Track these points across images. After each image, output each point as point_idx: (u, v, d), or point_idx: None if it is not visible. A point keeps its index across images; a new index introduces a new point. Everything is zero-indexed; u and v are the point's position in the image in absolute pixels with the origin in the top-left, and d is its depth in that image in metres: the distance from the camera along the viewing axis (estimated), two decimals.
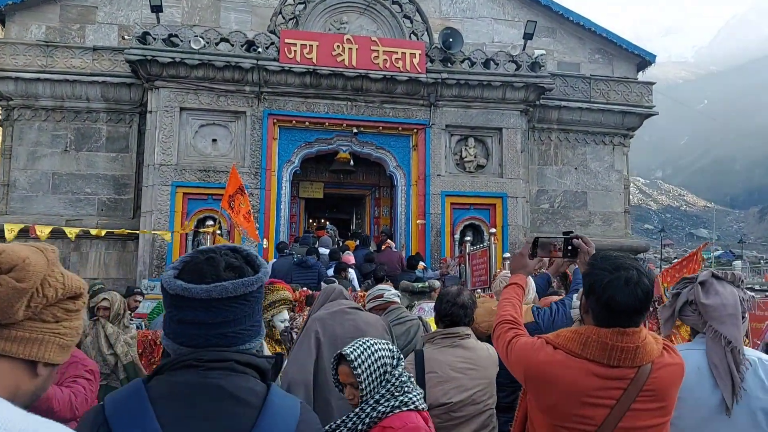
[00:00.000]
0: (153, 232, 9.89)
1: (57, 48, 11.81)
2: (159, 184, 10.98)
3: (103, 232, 10.05)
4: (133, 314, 7.55)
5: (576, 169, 13.35)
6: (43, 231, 9.14)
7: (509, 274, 2.89)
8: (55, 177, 11.79)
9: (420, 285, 6.06)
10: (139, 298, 7.48)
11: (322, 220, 16.22)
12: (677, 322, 2.38)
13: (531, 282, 5.50)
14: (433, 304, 5.90)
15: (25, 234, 10.91)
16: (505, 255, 9.65)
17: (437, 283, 6.32)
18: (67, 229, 9.53)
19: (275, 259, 9.93)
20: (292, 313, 5.38)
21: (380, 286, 4.41)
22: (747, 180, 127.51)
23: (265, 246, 11.14)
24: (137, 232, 9.07)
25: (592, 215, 13.29)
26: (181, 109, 11.23)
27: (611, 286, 1.82)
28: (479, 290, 9.53)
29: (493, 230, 10.17)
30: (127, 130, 12.13)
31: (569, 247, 2.38)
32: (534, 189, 12.94)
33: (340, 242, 11.84)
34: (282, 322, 4.63)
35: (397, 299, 4.35)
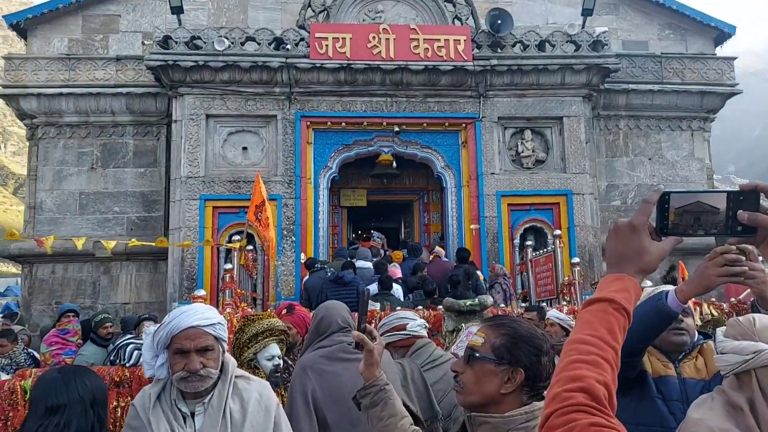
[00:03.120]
0: (172, 245, 8.99)
1: (79, 60, 11.19)
2: (186, 198, 10.12)
3: (137, 243, 9.21)
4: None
5: (650, 159, 11.78)
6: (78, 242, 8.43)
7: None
8: (82, 197, 11.12)
9: (468, 302, 4.84)
10: (147, 324, 6.52)
11: (365, 232, 15.12)
12: None
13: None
14: (410, 313, 4.66)
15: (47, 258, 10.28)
16: (573, 260, 8.28)
17: (490, 300, 5.08)
18: (104, 242, 8.63)
19: (307, 278, 8.88)
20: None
21: (401, 312, 3.20)
22: None
23: (302, 260, 10.09)
24: (148, 244, 8.19)
25: None
26: (208, 116, 10.37)
27: None
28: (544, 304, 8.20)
29: (557, 232, 8.82)
30: (154, 143, 11.38)
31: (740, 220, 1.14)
32: (602, 184, 11.45)
33: (386, 253, 10.68)
34: (269, 360, 3.51)
35: (425, 332, 3.15)
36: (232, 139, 10.53)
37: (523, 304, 8.52)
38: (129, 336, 6.26)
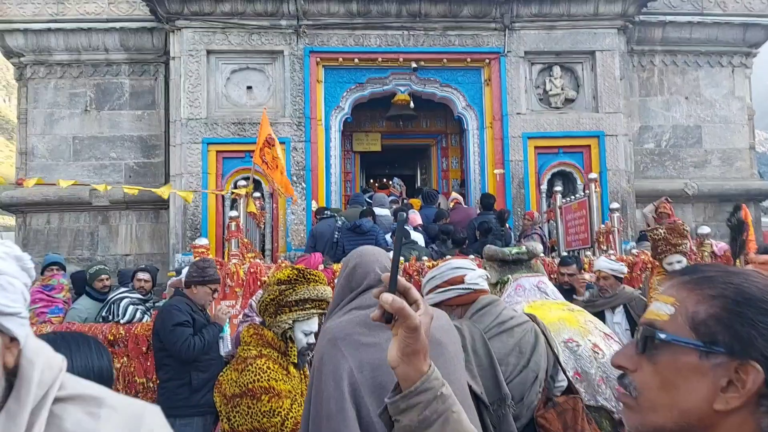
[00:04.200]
0: (173, 191, 8.26)
1: None
2: (188, 142, 9.36)
3: (135, 191, 8.50)
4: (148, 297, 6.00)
5: (686, 98, 10.89)
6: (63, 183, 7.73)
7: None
8: (76, 141, 10.36)
9: (515, 250, 4.13)
10: (141, 276, 5.89)
11: (378, 179, 14.33)
12: None
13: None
14: (536, 278, 3.94)
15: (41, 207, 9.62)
16: (612, 206, 7.55)
17: (540, 248, 4.36)
18: (97, 187, 7.80)
19: (316, 224, 8.19)
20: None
21: (455, 261, 2.46)
22: None
23: (313, 208, 9.39)
24: (147, 190, 7.45)
25: (709, 154, 10.85)
26: (209, 52, 9.51)
27: None
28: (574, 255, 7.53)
29: (592, 175, 8.04)
30: (152, 83, 10.54)
31: None
32: (635, 126, 10.60)
33: (404, 201, 9.94)
34: (307, 335, 2.85)
35: (487, 285, 2.43)
36: (235, 78, 9.69)
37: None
38: (123, 289, 5.62)
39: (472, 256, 6.52)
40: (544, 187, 9.66)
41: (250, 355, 2.94)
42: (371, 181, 13.53)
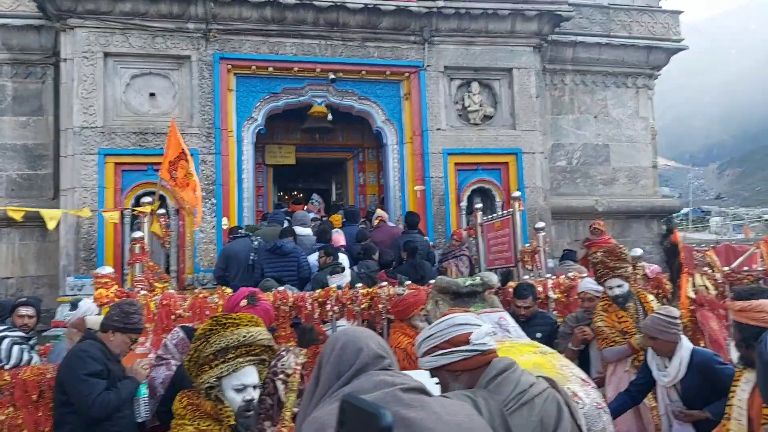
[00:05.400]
0: (65, 211, 7.36)
1: None
2: (81, 152, 8.44)
3: (20, 213, 7.44)
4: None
5: (595, 117, 11.19)
6: None
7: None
8: None
9: (469, 281, 3.82)
10: (24, 311, 5.09)
11: (288, 194, 13.76)
12: None
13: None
14: (496, 314, 3.64)
15: None
16: (538, 225, 7.47)
17: (494, 278, 4.08)
18: None
19: (228, 243, 7.60)
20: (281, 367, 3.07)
21: (458, 317, 2.05)
22: (706, 137, 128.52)
23: (225, 226, 8.74)
24: (35, 210, 6.54)
25: (617, 172, 11.19)
26: (106, 54, 8.65)
27: None
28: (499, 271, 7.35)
29: (516, 193, 7.93)
30: (39, 86, 9.47)
31: None
32: (548, 143, 10.74)
33: (323, 218, 9.48)
34: (239, 391, 2.39)
35: (495, 344, 2.06)
36: (136, 84, 8.88)
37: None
38: (2, 327, 4.82)
39: (406, 282, 6.19)
40: (464, 204, 9.53)
41: None
42: (284, 195, 12.95)
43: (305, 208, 9.81)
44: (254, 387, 2.49)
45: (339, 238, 7.51)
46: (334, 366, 1.58)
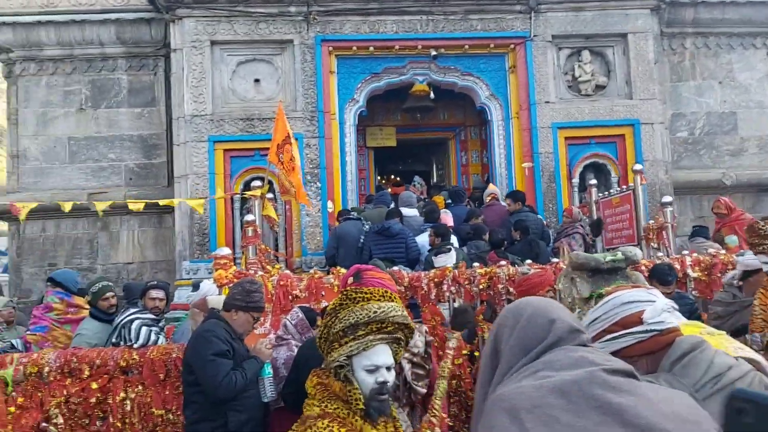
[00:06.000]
0: (181, 200, 7.58)
1: None
2: (193, 140, 8.67)
3: (140, 205, 7.71)
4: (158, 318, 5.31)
5: (720, 83, 10.25)
6: (65, 207, 7.03)
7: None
8: (71, 142, 9.64)
9: (610, 257, 3.49)
10: (155, 294, 5.20)
11: (387, 176, 13.61)
12: None
13: None
14: (642, 292, 3.24)
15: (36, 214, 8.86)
16: (665, 199, 6.90)
17: (639, 253, 3.72)
18: (97, 204, 7.22)
19: (338, 225, 7.53)
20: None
21: (624, 294, 1.76)
22: None
23: (330, 210, 8.73)
24: (153, 202, 6.73)
25: (745, 141, 10.23)
26: (213, 43, 8.81)
27: None
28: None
29: (638, 166, 7.37)
30: (151, 78, 9.83)
31: None
32: (668, 113, 9.96)
33: (427, 200, 9.28)
34: (371, 371, 2.22)
35: (676, 320, 1.77)
36: (242, 70, 9.00)
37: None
38: (133, 310, 4.93)
39: (519, 259, 5.89)
40: (576, 180, 9.02)
41: (312, 414, 2.28)
42: (382, 179, 12.83)
43: (406, 190, 9.63)
44: (388, 368, 2.32)
45: (447, 218, 7.29)
46: (520, 339, 1.37)
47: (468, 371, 4.23)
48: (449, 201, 8.72)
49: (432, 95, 9.39)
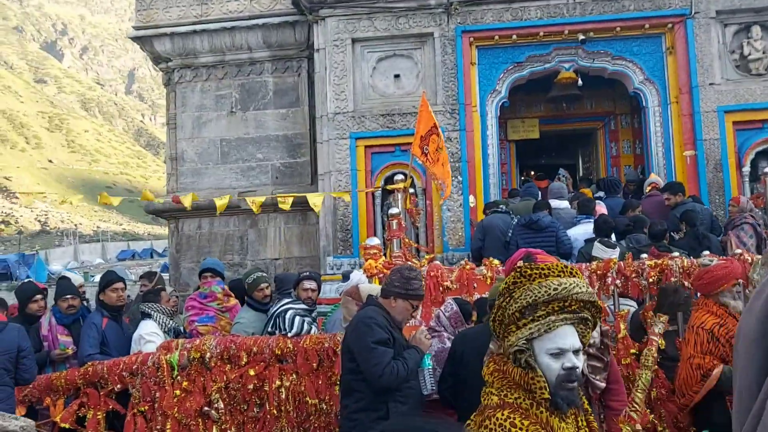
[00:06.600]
0: (326, 194, 7.69)
1: None
2: (335, 137, 8.79)
3: (289, 202, 7.88)
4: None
5: None
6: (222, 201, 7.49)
7: None
8: (223, 144, 10.17)
9: None
10: (308, 284, 5.22)
11: (527, 170, 13.09)
12: None
13: None
14: None
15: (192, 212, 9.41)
16: None
17: None
18: (249, 199, 7.62)
19: (485, 217, 7.26)
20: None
21: None
22: None
23: (472, 204, 8.50)
24: (301, 195, 6.87)
25: None
26: (354, 40, 8.89)
27: None
28: None
29: None
30: (295, 79, 10.14)
31: None
32: None
33: (573, 193, 8.78)
34: (556, 355, 1.96)
35: None
36: (381, 66, 9.01)
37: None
38: (286, 300, 4.99)
39: (677, 253, 5.32)
40: (746, 169, 8.12)
41: (491, 404, 2.06)
42: (528, 172, 12.36)
43: (546, 183, 9.18)
44: (575, 352, 2.04)
45: (601, 209, 6.80)
46: None
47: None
48: (600, 193, 8.17)
49: (580, 82, 8.87)
